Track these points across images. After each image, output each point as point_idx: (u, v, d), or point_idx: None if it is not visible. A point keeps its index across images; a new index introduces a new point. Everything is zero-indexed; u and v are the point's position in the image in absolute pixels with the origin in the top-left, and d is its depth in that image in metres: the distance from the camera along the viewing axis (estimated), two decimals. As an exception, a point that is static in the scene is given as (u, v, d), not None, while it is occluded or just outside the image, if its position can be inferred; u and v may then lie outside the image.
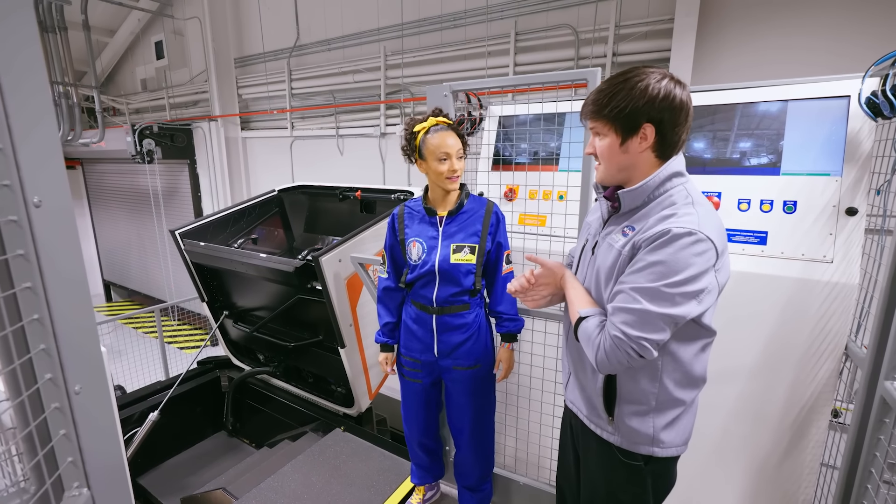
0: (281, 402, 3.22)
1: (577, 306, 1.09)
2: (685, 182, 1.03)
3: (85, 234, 9.04)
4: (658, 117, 0.97)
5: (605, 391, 1.11)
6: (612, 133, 1.01)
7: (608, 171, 1.07)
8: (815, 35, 2.86)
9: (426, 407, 1.88)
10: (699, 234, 0.92)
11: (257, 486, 2.22)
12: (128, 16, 6.77)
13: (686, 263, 0.92)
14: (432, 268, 1.64)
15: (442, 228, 1.67)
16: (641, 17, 3.43)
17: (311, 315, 2.87)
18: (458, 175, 1.61)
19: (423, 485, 2.09)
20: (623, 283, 0.98)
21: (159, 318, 4.29)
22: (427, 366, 1.77)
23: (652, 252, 0.95)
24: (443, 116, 1.64)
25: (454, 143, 1.58)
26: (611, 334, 0.96)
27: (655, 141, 0.99)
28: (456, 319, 1.70)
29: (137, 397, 3.15)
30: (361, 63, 4.83)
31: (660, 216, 0.99)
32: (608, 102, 0.99)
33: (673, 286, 0.92)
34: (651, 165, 1.03)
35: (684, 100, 0.97)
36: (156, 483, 3.04)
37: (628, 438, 1.10)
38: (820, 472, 1.60)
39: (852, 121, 1.46)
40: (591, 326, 1.03)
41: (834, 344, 1.48)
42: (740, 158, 1.64)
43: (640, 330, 0.93)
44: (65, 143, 6.15)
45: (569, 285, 1.15)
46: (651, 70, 0.98)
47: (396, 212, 1.76)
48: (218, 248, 2.87)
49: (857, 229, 1.45)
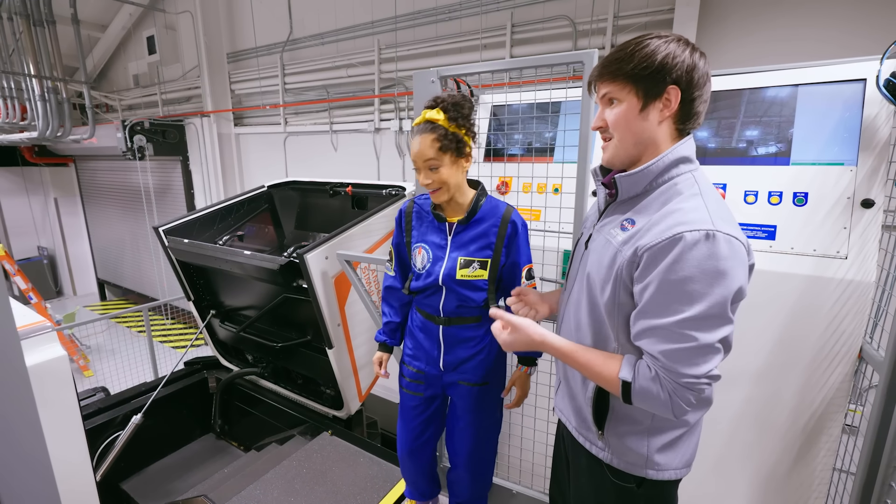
0: (270, 404, 3.13)
1: (601, 368, 0.93)
2: (693, 169, 0.91)
3: (79, 232, 8.95)
4: (684, 81, 0.86)
5: (595, 402, 0.99)
6: (631, 96, 0.89)
7: (623, 143, 0.93)
8: (822, 25, 2.75)
9: (424, 423, 1.68)
10: (717, 233, 0.80)
11: (238, 493, 2.12)
12: (119, 10, 6.67)
13: (718, 270, 0.79)
14: (436, 280, 1.45)
15: (451, 238, 1.45)
16: (641, 8, 3.32)
17: (299, 314, 2.78)
18: (436, 188, 1.37)
19: (416, 501, 1.96)
20: (657, 318, 0.84)
21: (147, 317, 4.19)
22: (430, 378, 1.60)
23: (672, 269, 0.81)
24: (440, 107, 1.34)
25: (422, 153, 1.33)
26: (680, 383, 0.83)
27: (679, 108, 0.88)
28: (465, 332, 1.51)
29: (121, 399, 3.05)
30: (355, 57, 4.73)
31: (664, 212, 0.87)
32: (630, 59, 0.87)
33: (719, 305, 0.80)
34: (669, 139, 0.92)
35: (706, 69, 0.88)
36: (139, 488, 2.94)
37: (620, 457, 0.99)
38: (831, 479, 1.50)
39: (868, 106, 1.36)
40: (646, 385, 0.87)
41: (848, 345, 1.38)
42: (747, 147, 1.54)
43: (705, 364, 0.82)
44: (54, 139, 6.04)
45: (565, 351, 0.98)
46: (670, 34, 0.88)
47: (404, 208, 1.56)
48: (202, 246, 2.77)
49: (873, 223, 1.35)
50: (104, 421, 2.85)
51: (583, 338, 1.03)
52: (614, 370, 0.91)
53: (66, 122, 6.00)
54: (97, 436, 2.77)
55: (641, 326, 0.87)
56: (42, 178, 8.84)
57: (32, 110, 5.91)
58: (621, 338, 0.95)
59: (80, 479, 1.45)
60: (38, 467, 0.74)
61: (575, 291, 1.06)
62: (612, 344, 0.97)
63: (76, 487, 1.44)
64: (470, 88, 1.87)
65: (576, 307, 1.05)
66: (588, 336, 1.01)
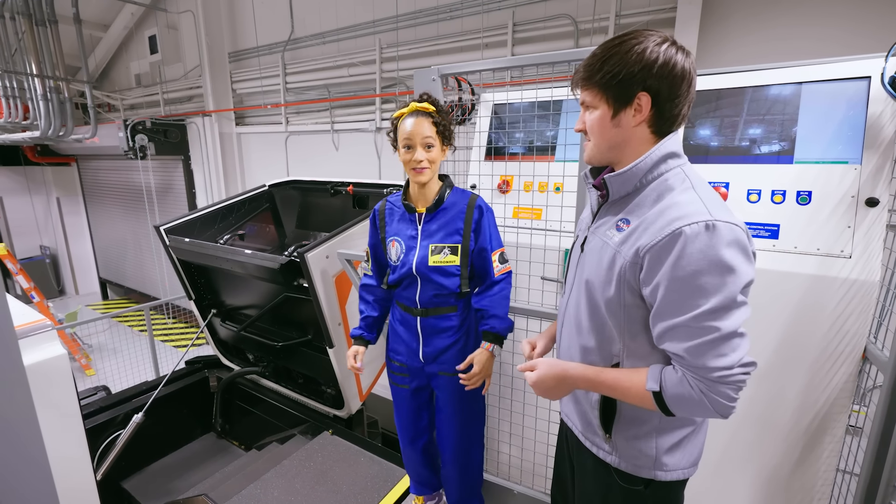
0: (271, 403, 3.12)
1: (629, 384, 0.91)
2: (682, 164, 0.90)
3: (81, 231, 8.97)
4: (655, 86, 0.84)
5: (602, 406, 0.99)
6: (602, 104, 0.90)
7: (598, 148, 0.94)
8: (825, 24, 2.73)
9: (416, 415, 1.74)
10: (716, 222, 0.79)
11: (239, 493, 2.12)
12: (121, 10, 6.68)
13: (724, 258, 0.78)
14: (410, 270, 1.51)
15: (421, 227, 1.53)
16: (643, 6, 3.31)
17: (300, 314, 2.77)
18: (425, 167, 1.44)
19: (420, 496, 1.97)
20: (674, 317, 0.83)
21: (149, 317, 4.19)
22: (413, 371, 1.66)
23: (679, 265, 0.80)
24: (428, 102, 1.48)
25: (420, 131, 1.42)
26: (711, 378, 0.81)
27: (652, 114, 0.87)
28: (442, 322, 1.57)
29: (122, 398, 3.05)
30: (356, 56, 4.72)
31: (658, 209, 0.86)
32: (600, 67, 0.87)
33: (733, 291, 0.79)
34: (645, 142, 0.91)
35: (686, 68, 0.85)
36: (140, 487, 2.94)
37: (627, 460, 0.98)
38: (835, 480, 1.49)
39: (873, 104, 1.35)
40: (677, 391, 0.84)
41: (852, 345, 1.37)
42: (750, 146, 1.52)
43: (732, 353, 0.81)
44: (56, 138, 6.06)
45: (589, 376, 0.96)
46: (651, 32, 0.86)
47: (378, 207, 1.63)
48: (203, 245, 2.77)
49: (877, 222, 1.34)
50: (105, 420, 2.85)
51: (585, 340, 1.02)
52: (642, 383, 0.89)
53: (68, 121, 6.02)
54: (98, 434, 2.77)
55: (661, 328, 0.86)
56: (44, 178, 8.86)
57: (35, 110, 5.92)
58: (626, 338, 0.94)
59: (80, 476, 1.45)
60: (36, 464, 0.74)
61: (574, 295, 1.06)
62: (616, 345, 0.96)
63: (76, 485, 1.44)
64: (471, 87, 1.87)
65: (575, 310, 1.04)
66: (590, 338, 1.00)
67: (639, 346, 0.93)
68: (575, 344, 1.04)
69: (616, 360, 0.97)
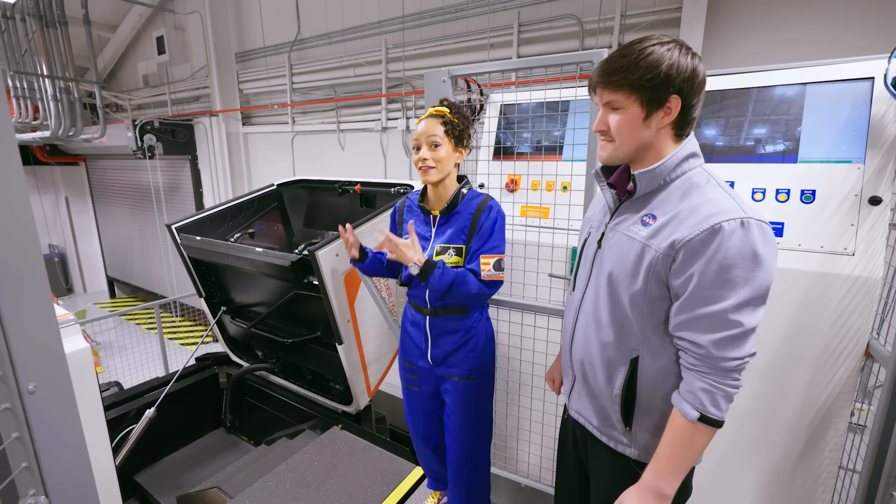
0: (280, 399, 3.17)
1: (680, 431, 0.93)
2: (702, 163, 0.96)
3: (89, 231, 9.06)
4: (686, 89, 0.89)
5: (623, 399, 1.02)
6: (635, 105, 0.92)
7: (625, 148, 0.96)
8: (830, 25, 2.75)
9: (426, 417, 1.76)
10: (749, 220, 0.84)
11: (251, 485, 2.16)
12: (129, 11, 6.74)
13: (757, 255, 0.84)
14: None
15: (435, 229, 1.55)
16: (648, 7, 3.33)
17: (310, 311, 2.81)
18: (431, 166, 1.46)
19: (436, 490, 2.00)
20: (703, 307, 0.87)
21: (158, 314, 4.25)
22: (423, 373, 1.68)
23: (715, 259, 0.85)
24: (443, 105, 1.53)
25: (427, 130, 1.46)
26: (724, 367, 0.88)
27: (678, 116, 0.92)
28: (450, 322, 1.58)
29: (134, 394, 3.11)
30: (363, 56, 4.76)
31: (690, 204, 0.90)
32: (635, 68, 0.89)
33: (762, 288, 0.85)
34: (668, 144, 0.95)
35: (704, 73, 0.91)
36: (153, 481, 2.99)
37: (646, 451, 1.01)
38: (837, 476, 1.52)
39: (876, 104, 1.37)
40: (703, 398, 0.90)
41: (855, 341, 1.40)
42: (755, 145, 1.55)
43: (746, 345, 0.88)
44: (66, 138, 6.13)
45: (664, 467, 0.94)
46: (666, 38, 0.90)
47: (398, 205, 1.69)
48: (214, 243, 2.81)
49: (880, 220, 1.36)
50: (118, 414, 2.90)
51: (604, 335, 1.04)
52: (684, 421, 0.91)
53: (77, 121, 6.09)
54: (112, 428, 2.83)
55: (685, 317, 0.90)
56: (53, 177, 8.95)
57: (45, 110, 6.00)
58: (647, 330, 0.98)
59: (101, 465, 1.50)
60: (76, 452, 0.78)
61: (591, 291, 1.08)
62: (636, 338, 0.99)
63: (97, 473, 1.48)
64: (480, 88, 1.90)
65: (594, 305, 1.06)
66: (610, 333, 1.03)
67: (658, 340, 0.97)
68: (593, 339, 1.06)
69: (635, 354, 1.00)
